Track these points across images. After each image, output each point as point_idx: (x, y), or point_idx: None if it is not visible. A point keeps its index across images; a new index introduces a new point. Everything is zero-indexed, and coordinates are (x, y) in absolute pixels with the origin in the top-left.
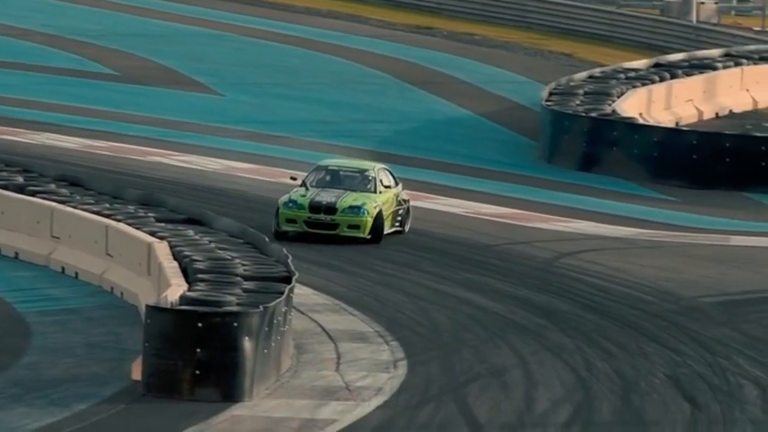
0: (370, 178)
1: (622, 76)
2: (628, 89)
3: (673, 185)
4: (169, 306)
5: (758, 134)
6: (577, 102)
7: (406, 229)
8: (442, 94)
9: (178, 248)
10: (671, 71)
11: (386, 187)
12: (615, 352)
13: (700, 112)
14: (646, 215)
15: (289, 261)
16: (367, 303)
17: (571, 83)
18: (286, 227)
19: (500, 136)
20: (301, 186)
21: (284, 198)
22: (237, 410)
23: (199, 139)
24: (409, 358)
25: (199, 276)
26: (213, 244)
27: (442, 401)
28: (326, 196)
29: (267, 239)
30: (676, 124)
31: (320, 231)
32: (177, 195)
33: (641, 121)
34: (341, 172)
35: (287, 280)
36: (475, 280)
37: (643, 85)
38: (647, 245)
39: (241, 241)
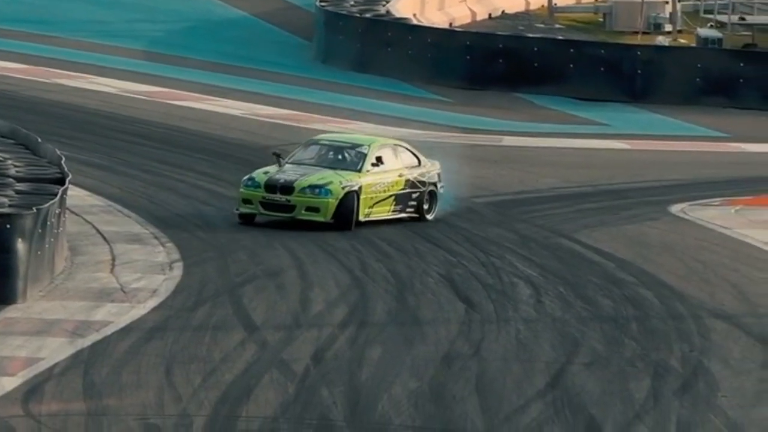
0: (360, 154)
1: None
2: None
3: (447, 86)
4: None
5: (530, 35)
6: (351, 3)
7: (429, 216)
8: None
9: None
10: None
11: (375, 165)
12: (390, 252)
13: (473, 13)
14: (421, 116)
15: (63, 162)
16: (143, 204)
17: None
18: (243, 209)
19: (275, 36)
20: (275, 162)
21: (246, 176)
22: (10, 312)
23: None
24: (184, 259)
25: None
26: None
27: (218, 302)
28: (289, 174)
29: (39, 140)
30: (450, 25)
31: (275, 213)
32: None
33: (415, 22)
34: (329, 147)
35: (61, 181)
36: None
37: None
38: (422, 146)
39: (13, 142)
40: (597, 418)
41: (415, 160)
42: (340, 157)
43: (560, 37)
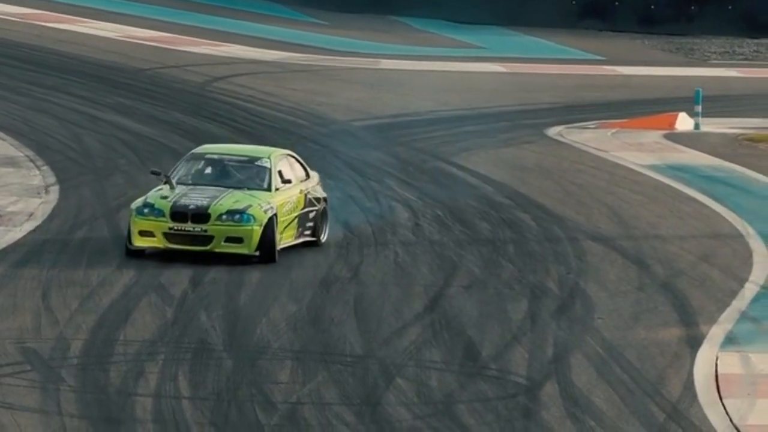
0: (263, 169)
1: None
2: None
3: (324, 9)
4: None
5: None
6: None
7: (323, 238)
8: None
9: None
10: None
11: (286, 181)
12: None
13: None
14: (297, 39)
15: None
16: (17, 127)
17: None
18: (140, 243)
19: None
20: (165, 183)
21: (138, 202)
22: None
23: None
24: (61, 183)
25: None
26: None
27: (95, 226)
28: (196, 197)
29: None
30: None
31: (187, 247)
32: None
33: None
34: (223, 163)
35: None
36: (127, 104)
37: None
38: (299, 69)
39: None
40: (475, 340)
41: (304, 173)
42: (237, 173)
43: None
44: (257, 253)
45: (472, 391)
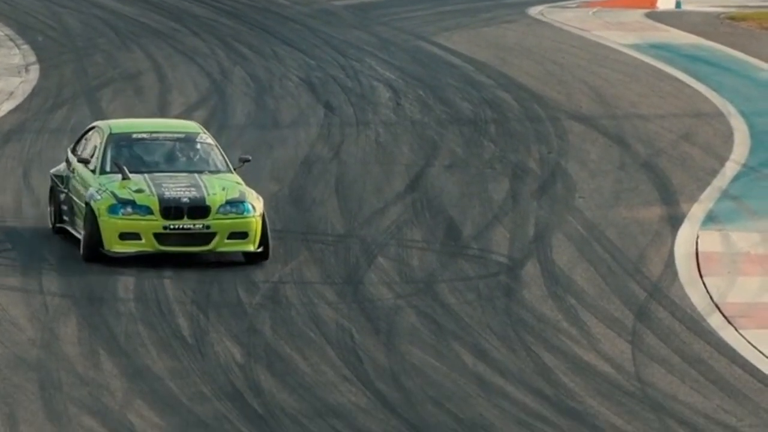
0: (209, 146)
1: None
2: None
3: None
4: None
5: None
6: None
7: None
8: None
9: None
10: None
11: (247, 160)
12: (249, 55)
13: None
14: None
15: None
16: None
17: None
18: (120, 248)
19: None
20: (104, 172)
21: (100, 196)
22: None
23: None
24: (41, 62)
25: None
26: None
27: (76, 105)
28: (176, 187)
29: None
30: None
31: (184, 248)
32: None
33: None
34: (160, 143)
35: None
36: None
37: None
38: None
39: None
40: (456, 219)
41: None
42: (184, 154)
43: None
44: (260, 250)
45: (454, 270)
